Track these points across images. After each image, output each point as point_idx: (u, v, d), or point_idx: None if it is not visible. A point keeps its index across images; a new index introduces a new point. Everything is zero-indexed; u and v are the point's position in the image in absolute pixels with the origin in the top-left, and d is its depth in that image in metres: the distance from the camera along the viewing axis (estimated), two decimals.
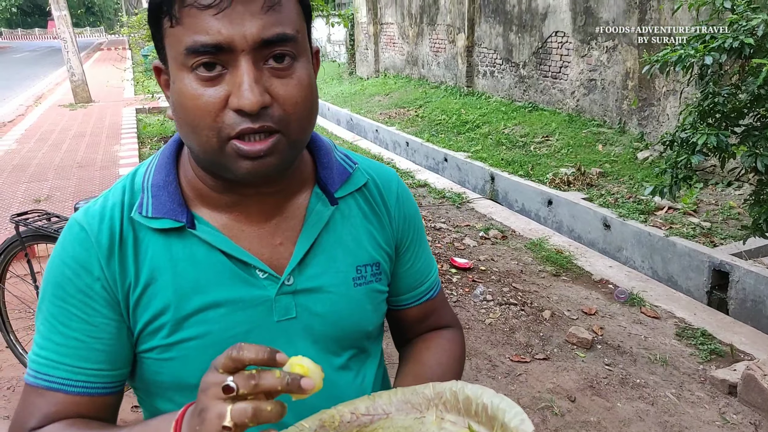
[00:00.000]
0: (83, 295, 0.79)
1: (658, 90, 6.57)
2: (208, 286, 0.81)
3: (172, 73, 0.75)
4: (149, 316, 0.81)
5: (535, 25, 8.85)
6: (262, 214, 0.85)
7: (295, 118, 0.75)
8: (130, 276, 0.80)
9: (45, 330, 0.81)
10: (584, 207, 5.43)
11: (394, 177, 1.00)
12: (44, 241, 2.68)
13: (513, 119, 8.74)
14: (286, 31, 0.72)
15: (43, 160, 7.27)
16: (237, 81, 0.70)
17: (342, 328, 0.89)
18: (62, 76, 16.10)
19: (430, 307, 1.05)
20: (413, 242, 1.00)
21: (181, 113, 0.74)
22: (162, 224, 0.81)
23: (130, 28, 9.30)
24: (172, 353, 0.82)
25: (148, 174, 0.86)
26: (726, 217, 4.95)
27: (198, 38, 0.69)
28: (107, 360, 0.81)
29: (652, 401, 2.87)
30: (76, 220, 0.83)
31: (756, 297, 3.80)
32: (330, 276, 0.88)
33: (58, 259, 0.82)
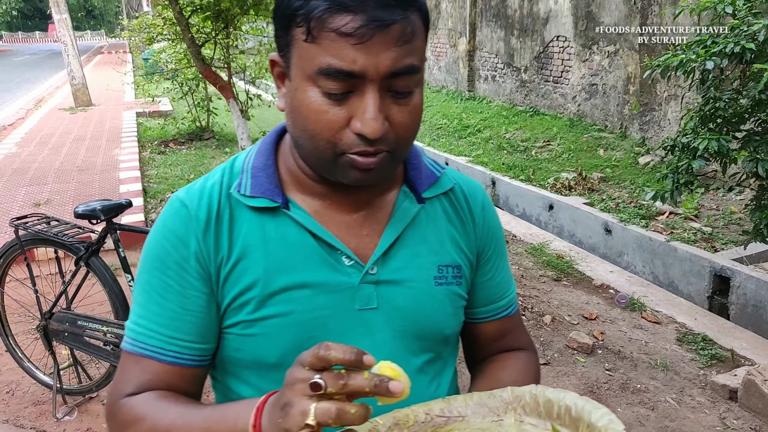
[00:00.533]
0: (179, 267, 0.84)
1: (660, 95, 6.57)
2: (296, 266, 0.84)
3: (295, 79, 0.77)
4: (238, 290, 0.84)
5: (536, 29, 8.86)
6: (352, 205, 0.88)
7: (403, 140, 0.79)
8: (224, 250, 0.84)
9: (143, 300, 0.86)
10: (585, 212, 5.42)
11: (480, 188, 1.02)
12: (43, 245, 2.68)
13: (514, 124, 8.74)
14: (414, 62, 0.75)
15: (43, 164, 7.27)
16: (362, 107, 0.73)
17: (422, 325, 0.90)
18: (63, 80, 16.12)
19: (507, 324, 1.04)
20: (495, 254, 1.01)
21: (299, 119, 0.78)
22: (258, 203, 0.85)
23: (130, 32, 9.32)
24: (254, 329, 0.84)
25: (249, 158, 0.90)
26: (727, 222, 4.94)
27: (333, 63, 0.71)
28: (197, 332, 0.85)
29: (652, 406, 2.86)
30: (177, 197, 0.88)
31: (757, 302, 3.79)
32: (412, 271, 0.89)
33: (158, 233, 0.86)
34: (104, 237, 2.60)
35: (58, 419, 2.71)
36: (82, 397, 2.85)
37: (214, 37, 5.90)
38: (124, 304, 2.60)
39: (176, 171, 7.07)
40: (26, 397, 2.91)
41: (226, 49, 6.16)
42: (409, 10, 0.74)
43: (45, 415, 2.76)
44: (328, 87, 0.73)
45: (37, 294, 2.74)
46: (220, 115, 9.43)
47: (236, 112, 5.52)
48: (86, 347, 2.63)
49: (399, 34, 0.72)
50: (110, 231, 2.58)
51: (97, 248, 2.59)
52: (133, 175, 6.64)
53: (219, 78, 5.47)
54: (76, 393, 2.84)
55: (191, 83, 8.68)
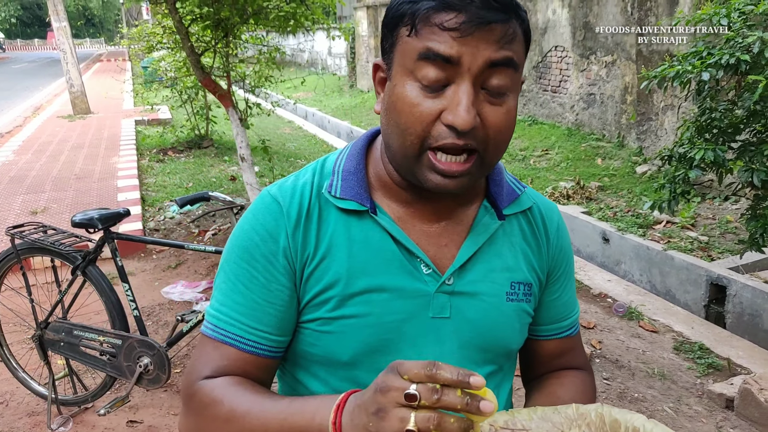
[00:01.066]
0: (266, 261, 0.86)
1: (657, 105, 6.59)
2: (377, 269, 0.86)
3: (395, 77, 0.80)
4: (320, 287, 0.86)
5: (534, 39, 8.90)
6: (434, 214, 0.90)
7: (494, 142, 0.79)
8: (310, 247, 0.87)
9: (226, 288, 0.88)
10: (583, 220, 5.43)
11: (556, 210, 1.03)
12: (40, 254, 2.67)
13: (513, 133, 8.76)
14: (512, 57, 0.76)
15: (40, 172, 7.27)
16: (456, 99, 0.75)
17: (489, 339, 0.92)
18: (61, 87, 16.15)
19: (568, 344, 1.05)
20: (564, 274, 1.02)
21: (393, 114, 0.80)
22: (348, 205, 0.88)
23: (130, 40, 9.34)
24: (331, 327, 0.86)
25: (340, 160, 0.92)
26: (723, 231, 4.95)
27: (432, 45, 0.74)
28: (276, 325, 0.87)
29: (650, 415, 2.84)
30: (270, 193, 0.91)
31: (753, 311, 3.79)
32: (486, 285, 0.91)
33: (248, 225, 0.89)
34: (101, 246, 2.60)
35: (52, 430, 2.69)
36: (78, 407, 2.83)
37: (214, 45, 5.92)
38: (121, 313, 2.60)
39: (175, 179, 7.08)
40: (21, 407, 2.90)
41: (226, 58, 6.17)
42: (512, 16, 0.76)
43: (39, 426, 2.75)
44: (425, 75, 0.75)
45: (33, 303, 2.73)
46: (219, 124, 9.45)
47: (235, 121, 5.53)
48: (82, 357, 2.62)
49: (500, 34, 0.74)
50: (107, 240, 2.58)
51: (94, 257, 2.59)
52: (132, 183, 6.64)
53: (218, 86, 5.48)
54: (71, 403, 2.82)
55: (190, 91, 8.70)
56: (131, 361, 2.51)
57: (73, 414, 2.80)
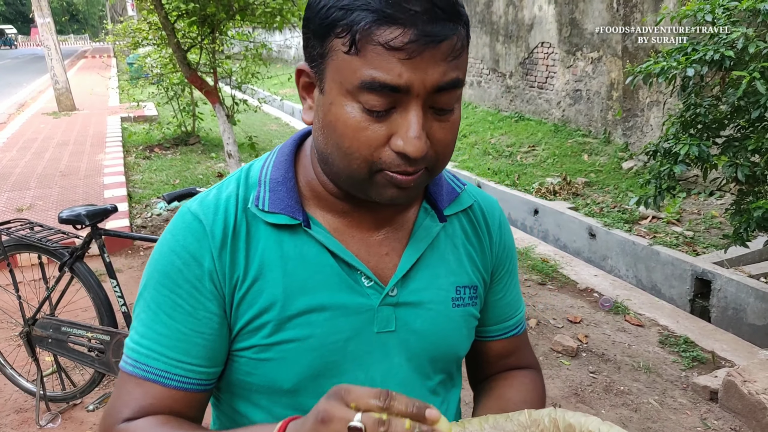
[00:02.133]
0: (191, 286, 0.79)
1: (642, 101, 6.65)
2: (315, 287, 0.81)
3: (329, 93, 0.72)
4: (253, 312, 0.80)
5: (521, 35, 8.94)
6: (373, 223, 0.85)
7: (442, 157, 0.76)
8: (240, 269, 0.80)
9: (147, 318, 0.80)
10: (570, 216, 5.47)
11: (497, 205, 0.99)
12: (27, 251, 2.66)
13: (499, 129, 8.80)
14: (459, 76, 0.71)
15: (25, 169, 7.20)
16: (405, 124, 0.70)
17: (438, 348, 0.88)
18: (46, 84, 16.00)
19: (514, 343, 1.02)
20: (508, 273, 0.99)
21: (333, 135, 0.73)
22: (278, 219, 0.81)
23: (115, 36, 9.27)
24: (269, 354, 0.80)
25: (266, 169, 0.85)
26: (708, 227, 5.01)
27: (378, 76, 0.67)
28: (206, 356, 0.80)
29: (635, 408, 2.89)
30: (190, 210, 0.82)
31: (737, 305, 3.84)
32: (431, 292, 0.87)
33: (167, 248, 0.81)
34: (89, 242, 2.59)
35: (41, 426, 2.68)
36: (66, 403, 2.82)
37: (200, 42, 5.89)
38: (109, 309, 2.59)
39: (161, 176, 7.04)
40: (8, 404, 2.88)
41: (212, 54, 6.15)
42: (459, 24, 0.70)
43: (28, 422, 2.74)
44: (369, 102, 0.69)
45: (20, 300, 2.71)
46: (206, 120, 9.40)
47: (222, 117, 5.51)
48: (70, 353, 2.61)
49: (449, 50, 0.69)
50: (95, 236, 2.57)
51: (81, 253, 2.57)
52: (118, 180, 6.60)
53: (205, 83, 5.46)
54: (59, 400, 2.81)
55: (177, 88, 8.65)
56: (120, 357, 2.50)
57: (61, 410, 2.79)
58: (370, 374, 0.83)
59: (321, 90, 0.74)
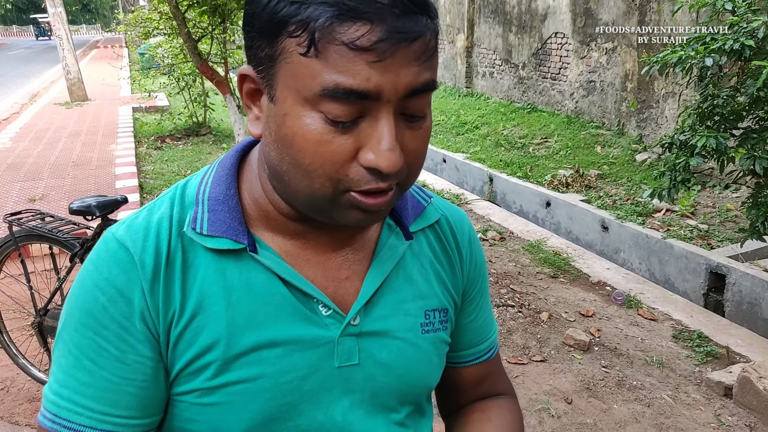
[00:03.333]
0: (119, 327, 0.67)
1: (657, 92, 6.57)
2: (265, 321, 0.71)
3: (283, 102, 0.62)
4: (194, 352, 0.69)
5: (534, 26, 8.85)
6: (330, 245, 0.76)
7: (414, 169, 0.67)
8: (175, 304, 0.69)
9: (67, 364, 0.68)
10: (582, 209, 5.42)
11: (466, 218, 0.91)
12: (38, 241, 2.66)
13: (512, 120, 8.74)
14: (433, 77, 0.63)
15: (38, 159, 7.24)
16: (376, 135, 0.61)
17: (407, 381, 0.79)
18: (58, 74, 16.06)
19: (486, 369, 0.94)
20: (479, 293, 0.91)
21: (290, 153, 0.63)
22: (218, 244, 0.70)
23: (126, 26, 9.28)
24: (213, 398, 0.70)
25: (204, 186, 0.75)
26: (723, 220, 4.95)
27: (342, 82, 0.58)
28: (139, 406, 0.69)
29: (648, 403, 2.86)
30: (115, 236, 0.70)
31: (752, 299, 3.79)
32: (398, 319, 0.78)
33: (89, 281, 0.69)
34: (99, 233, 2.58)
35: None
36: None
37: (211, 32, 5.88)
38: None
39: (173, 167, 7.05)
40: (21, 394, 2.90)
41: (223, 44, 6.14)
42: (431, 18, 0.62)
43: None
44: (333, 112, 0.59)
45: (32, 290, 2.72)
46: (217, 111, 9.41)
47: (233, 108, 5.50)
48: None
49: (422, 48, 0.60)
50: (105, 227, 2.57)
51: (92, 244, 2.57)
52: (130, 170, 6.62)
53: (216, 73, 5.45)
54: None
55: (188, 78, 8.66)
56: None
57: None
58: (330, 413, 0.75)
59: (271, 98, 0.64)
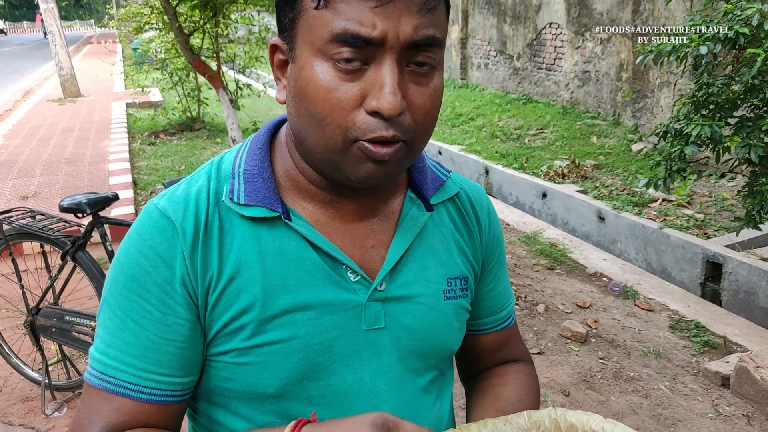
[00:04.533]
0: (161, 290, 0.72)
1: (652, 82, 6.54)
2: (298, 285, 0.75)
3: (300, 57, 0.68)
4: (231, 314, 0.74)
5: (529, 16, 8.80)
6: (357, 214, 0.80)
7: (422, 128, 0.70)
8: (213, 268, 0.74)
9: (113, 326, 0.73)
10: (578, 199, 5.41)
11: (484, 193, 0.95)
12: (29, 239, 2.64)
13: (507, 111, 8.71)
14: (436, 34, 0.67)
15: (30, 156, 7.19)
16: (379, 81, 0.65)
17: (430, 344, 0.83)
18: (51, 70, 15.96)
19: (506, 336, 0.99)
20: (497, 263, 0.95)
21: (304, 102, 0.68)
22: (255, 212, 0.75)
23: (119, 21, 9.21)
24: (250, 357, 0.75)
25: (239, 159, 0.80)
26: (719, 209, 4.94)
27: (350, 27, 0.64)
28: (179, 365, 0.74)
29: (645, 394, 2.86)
30: (157, 207, 0.76)
31: (749, 288, 3.79)
32: (422, 285, 0.82)
33: (134, 248, 0.74)
34: (91, 231, 2.56)
35: (47, 415, 2.68)
36: (71, 392, 2.81)
37: (203, 26, 5.83)
38: None
39: (167, 162, 7.02)
40: (14, 393, 2.88)
41: (215, 39, 6.09)
42: None
43: (34, 411, 2.73)
44: (341, 57, 0.65)
45: (23, 289, 2.70)
46: (211, 105, 9.36)
47: (226, 102, 5.47)
48: (74, 342, 2.60)
49: (422, 0, 0.66)
50: (97, 225, 2.54)
51: (83, 242, 2.55)
52: (123, 166, 6.58)
53: (208, 68, 5.41)
54: (65, 389, 2.81)
55: (181, 73, 8.61)
56: None
57: (67, 399, 2.79)
58: (359, 374, 0.79)
59: (293, 59, 0.70)
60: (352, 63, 0.65)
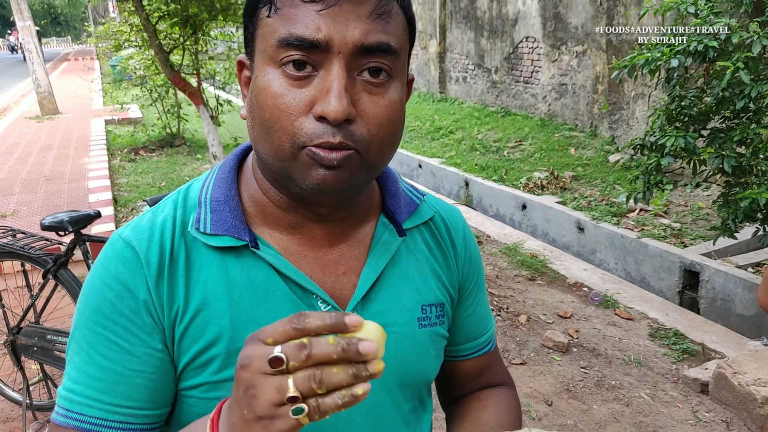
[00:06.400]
0: (126, 320, 0.70)
1: (627, 94, 6.67)
2: (267, 316, 0.73)
3: (256, 68, 0.69)
4: (199, 347, 0.72)
5: (506, 30, 8.94)
6: (326, 240, 0.78)
7: (376, 139, 0.68)
8: (179, 300, 0.72)
9: (80, 361, 0.71)
10: (558, 210, 5.48)
11: (460, 215, 0.93)
12: (9, 258, 2.61)
13: (486, 124, 8.80)
14: (390, 42, 0.66)
15: (9, 174, 7.11)
16: (325, 86, 0.64)
17: (405, 374, 0.81)
18: (28, 88, 15.79)
19: (485, 361, 0.97)
20: (476, 287, 0.93)
21: (257, 111, 0.68)
22: (222, 242, 0.73)
23: (97, 38, 9.17)
24: (220, 392, 0.72)
25: (206, 188, 0.78)
26: (695, 218, 5.03)
27: (294, 30, 0.64)
28: (149, 397, 0.72)
29: (627, 402, 2.90)
30: (121, 237, 0.74)
31: (725, 296, 3.86)
32: (395, 314, 0.80)
33: (98, 280, 0.72)
34: (72, 249, 2.55)
35: None
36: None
37: (183, 43, 5.84)
38: None
39: (147, 179, 6.98)
40: None
41: (195, 55, 6.10)
42: None
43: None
44: (288, 60, 0.64)
45: (4, 308, 2.67)
46: (191, 122, 9.33)
47: (206, 119, 5.47)
48: (56, 362, 2.57)
49: (372, 5, 0.65)
50: (79, 242, 2.53)
51: (65, 260, 2.53)
52: (103, 184, 6.53)
53: (188, 84, 5.41)
54: (46, 409, 2.77)
55: (161, 90, 8.58)
56: None
57: (48, 419, 2.75)
58: None
59: (252, 71, 0.70)
60: (302, 69, 0.65)
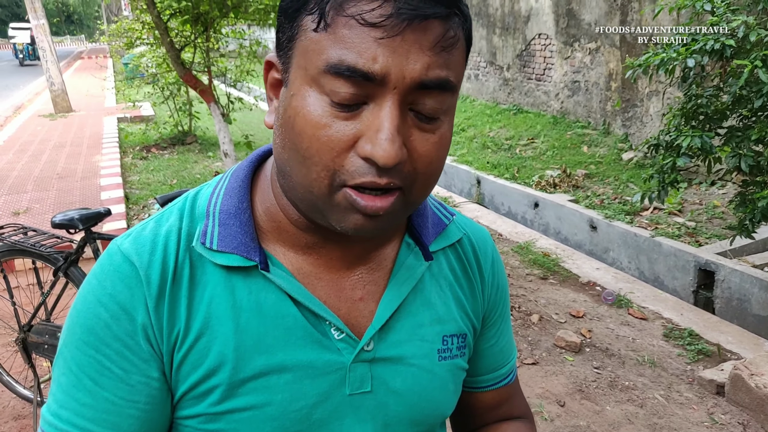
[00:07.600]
0: (121, 344, 0.64)
1: (641, 91, 6.60)
2: (274, 344, 0.67)
3: (293, 83, 0.60)
4: (199, 375, 0.66)
5: (518, 27, 8.88)
6: (344, 261, 0.71)
7: (423, 178, 0.61)
8: (180, 323, 0.65)
9: (67, 383, 0.65)
10: (570, 209, 5.43)
11: (489, 238, 0.86)
12: (21, 256, 2.62)
13: (498, 122, 8.76)
14: (449, 77, 0.58)
15: (22, 172, 7.16)
16: (376, 124, 0.56)
17: (421, 410, 0.75)
18: (42, 86, 15.92)
19: (505, 394, 0.91)
20: (500, 317, 0.87)
21: (291, 135, 0.60)
22: (229, 260, 0.67)
23: (110, 36, 9.22)
24: (219, 425, 0.67)
25: (216, 197, 0.70)
26: (710, 217, 4.97)
27: (347, 58, 0.55)
28: (141, 429, 0.66)
29: (641, 403, 2.86)
30: (120, 249, 0.67)
31: (741, 296, 3.81)
32: (414, 345, 0.73)
33: (92, 296, 0.65)
34: (83, 246, 2.55)
35: None
36: None
37: (194, 40, 5.85)
38: None
39: (159, 176, 7.00)
40: (6, 411, 2.85)
41: (206, 53, 6.11)
42: (453, 11, 0.58)
43: (26, 429, 2.71)
44: (335, 92, 0.56)
45: (15, 306, 2.68)
46: (203, 119, 9.36)
47: (217, 116, 5.47)
48: None
49: (437, 35, 0.56)
50: (89, 240, 2.53)
51: (76, 258, 2.54)
52: (115, 181, 6.56)
53: (199, 82, 5.41)
54: None
55: (172, 87, 8.61)
56: None
57: None
58: None
59: (286, 82, 0.61)
60: (349, 100, 0.57)
